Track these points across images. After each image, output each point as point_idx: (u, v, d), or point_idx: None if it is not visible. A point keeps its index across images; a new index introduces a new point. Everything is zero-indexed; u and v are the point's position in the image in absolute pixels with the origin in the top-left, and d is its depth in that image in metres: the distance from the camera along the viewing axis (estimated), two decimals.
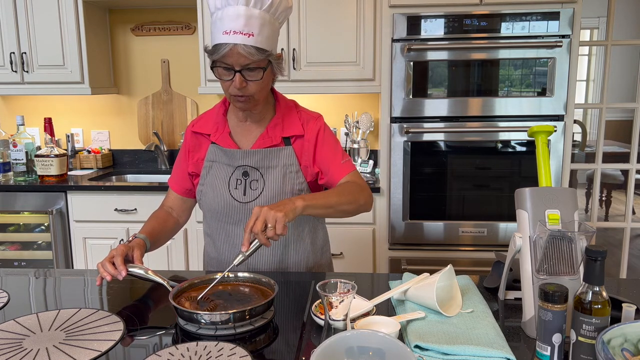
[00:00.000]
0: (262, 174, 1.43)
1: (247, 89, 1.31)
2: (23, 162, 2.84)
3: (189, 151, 1.52)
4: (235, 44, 1.24)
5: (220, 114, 1.49)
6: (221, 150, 1.45)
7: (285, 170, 1.43)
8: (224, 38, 1.25)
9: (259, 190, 1.43)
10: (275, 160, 1.43)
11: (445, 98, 2.46)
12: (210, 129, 1.48)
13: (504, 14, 2.39)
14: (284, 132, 1.44)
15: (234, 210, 1.44)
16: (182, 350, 1.00)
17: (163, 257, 2.72)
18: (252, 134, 1.46)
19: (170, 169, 3.17)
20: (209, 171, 1.47)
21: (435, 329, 1.05)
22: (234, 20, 1.24)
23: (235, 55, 1.26)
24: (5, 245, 2.83)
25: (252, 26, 1.25)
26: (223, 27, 1.25)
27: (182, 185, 1.55)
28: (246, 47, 1.25)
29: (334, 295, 0.90)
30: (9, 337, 1.07)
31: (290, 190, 1.44)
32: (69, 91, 2.91)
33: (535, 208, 1.08)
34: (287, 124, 1.45)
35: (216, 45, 1.27)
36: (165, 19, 3.16)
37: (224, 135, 1.46)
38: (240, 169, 1.44)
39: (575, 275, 1.05)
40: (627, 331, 0.90)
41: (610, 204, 5.42)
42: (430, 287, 1.12)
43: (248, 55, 1.25)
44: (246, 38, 1.25)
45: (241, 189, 1.44)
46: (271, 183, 1.43)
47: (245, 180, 1.44)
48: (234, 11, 1.24)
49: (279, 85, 2.79)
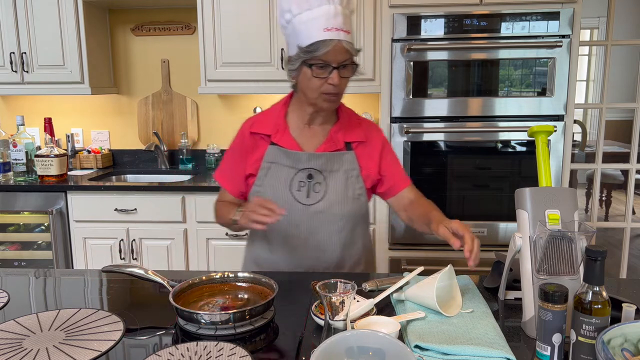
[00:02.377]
0: (325, 177, 1.43)
1: (339, 87, 1.34)
2: (23, 162, 2.84)
3: (247, 152, 1.48)
4: (339, 40, 1.26)
5: (281, 115, 1.47)
6: (282, 152, 1.43)
7: (347, 174, 1.45)
8: (326, 35, 1.26)
9: (322, 193, 1.43)
10: (338, 164, 1.44)
11: (445, 98, 2.46)
12: (270, 130, 1.46)
13: (504, 14, 2.39)
14: (346, 137, 1.46)
15: (296, 212, 1.42)
16: (182, 350, 1.00)
17: (163, 257, 2.72)
18: (316, 138, 1.46)
19: (170, 169, 3.17)
20: (267, 172, 1.45)
21: (435, 329, 1.05)
22: (332, 18, 1.26)
23: (337, 51, 1.27)
24: (5, 245, 2.83)
25: (347, 24, 1.29)
26: (322, 24, 1.26)
27: (238, 188, 1.52)
28: (348, 43, 1.28)
29: (334, 295, 0.90)
30: (9, 337, 1.07)
31: (352, 194, 1.45)
32: (69, 91, 2.91)
33: (535, 208, 1.08)
34: (349, 130, 1.47)
35: (317, 42, 1.27)
36: (165, 19, 3.16)
37: (286, 137, 1.44)
38: (305, 171, 1.43)
39: (575, 275, 1.05)
40: (627, 331, 0.90)
41: (610, 204, 5.42)
42: (430, 287, 1.12)
43: (351, 50, 1.29)
44: (346, 35, 1.28)
45: (304, 191, 1.43)
46: (334, 186, 1.44)
47: (309, 183, 1.43)
48: (332, 9, 1.27)
49: (277, 84, 2.79)
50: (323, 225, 1.44)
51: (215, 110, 3.23)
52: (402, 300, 1.21)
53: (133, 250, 2.71)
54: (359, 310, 1.11)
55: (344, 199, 1.44)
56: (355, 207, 1.47)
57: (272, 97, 3.15)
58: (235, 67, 2.79)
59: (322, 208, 1.43)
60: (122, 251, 2.71)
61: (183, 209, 2.67)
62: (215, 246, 2.70)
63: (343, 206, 1.44)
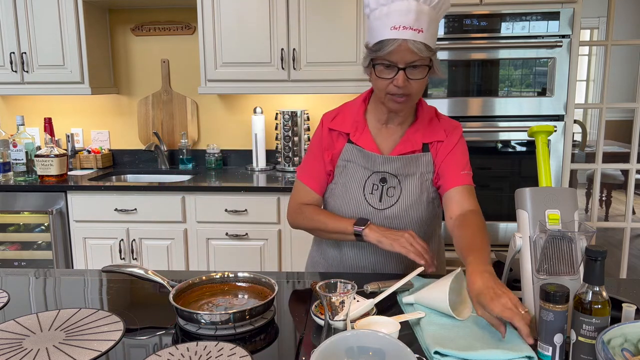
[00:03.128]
0: (399, 181, 1.39)
1: (407, 88, 1.27)
2: (23, 162, 2.84)
3: (326, 149, 1.45)
4: (404, 39, 1.20)
5: (360, 112, 1.43)
6: (359, 152, 1.40)
7: (423, 178, 1.40)
8: (391, 34, 1.21)
9: (396, 198, 1.39)
10: (414, 168, 1.39)
11: (445, 98, 2.46)
12: (350, 127, 1.42)
13: (504, 14, 2.39)
14: (424, 138, 1.39)
15: (367, 215, 1.40)
16: (182, 350, 1.00)
17: (163, 257, 2.72)
18: (392, 138, 1.41)
19: (170, 169, 3.17)
20: (342, 171, 1.43)
21: (451, 334, 1.03)
22: (404, 15, 1.20)
23: (402, 51, 1.22)
24: (5, 245, 2.83)
25: (422, 22, 1.21)
26: (391, 22, 1.21)
27: (321, 184, 1.47)
28: (416, 43, 1.21)
29: (334, 295, 0.89)
30: (9, 337, 1.07)
31: (427, 199, 1.40)
32: (69, 91, 2.91)
33: (535, 208, 1.08)
34: (428, 130, 1.40)
35: (382, 41, 1.22)
36: (165, 19, 3.16)
37: (365, 136, 1.40)
38: (379, 174, 1.39)
39: (575, 275, 1.05)
40: (627, 331, 0.90)
41: (610, 204, 5.42)
42: (442, 290, 1.10)
43: (418, 51, 1.21)
44: (416, 34, 1.21)
45: (377, 195, 1.39)
46: (408, 191, 1.39)
47: (383, 187, 1.39)
48: (405, 6, 1.21)
49: (277, 84, 2.79)
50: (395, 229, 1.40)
51: (215, 110, 3.23)
52: (411, 303, 1.19)
53: (133, 250, 2.71)
54: (359, 310, 1.11)
55: (418, 204, 1.39)
56: (429, 211, 1.42)
57: (272, 97, 3.15)
58: (235, 67, 2.79)
59: (395, 213, 1.39)
60: (122, 251, 2.71)
61: (183, 209, 2.67)
62: (215, 246, 2.70)
63: (417, 211, 1.40)
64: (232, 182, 2.75)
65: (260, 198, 2.62)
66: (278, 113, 3.01)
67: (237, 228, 2.67)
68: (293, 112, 2.96)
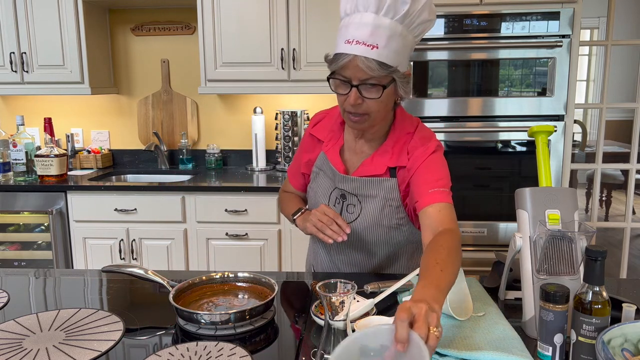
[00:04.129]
0: (360, 201, 1.35)
1: (362, 107, 1.19)
2: (23, 162, 2.84)
3: (305, 151, 1.48)
4: (355, 55, 1.12)
5: (338, 122, 1.39)
6: (325, 161, 1.40)
7: (385, 202, 1.33)
8: (344, 47, 1.14)
9: (355, 215, 1.36)
10: (375, 190, 1.33)
11: (445, 98, 2.46)
12: (325, 136, 1.41)
13: (504, 14, 2.39)
14: (391, 162, 1.31)
15: None
16: (182, 350, 1.00)
17: (163, 257, 2.72)
18: (359, 156, 1.37)
19: (170, 169, 3.18)
20: (315, 177, 1.44)
21: (450, 334, 1.04)
22: (358, 29, 1.12)
23: (353, 68, 1.14)
24: (5, 245, 2.83)
25: (378, 37, 1.11)
26: (346, 35, 1.14)
27: (300, 182, 1.55)
28: (367, 61, 1.11)
29: (334, 295, 0.89)
30: (9, 337, 1.07)
31: (387, 223, 1.34)
32: (69, 91, 2.91)
33: (535, 208, 1.08)
34: (396, 153, 1.31)
35: (336, 54, 1.17)
36: (165, 19, 3.16)
37: (334, 150, 1.38)
38: (339, 190, 1.38)
39: (575, 275, 1.05)
40: (627, 331, 0.90)
41: (610, 204, 5.42)
42: None
43: (367, 69, 1.12)
44: (369, 50, 1.11)
45: (338, 209, 1.39)
46: (369, 212, 1.35)
47: (343, 202, 1.38)
48: (360, 19, 1.12)
49: (277, 84, 2.79)
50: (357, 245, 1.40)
51: (215, 110, 3.23)
52: None
53: (133, 250, 2.71)
54: (359, 310, 1.11)
55: (378, 226, 1.34)
56: (391, 235, 1.37)
57: (272, 97, 3.15)
58: (235, 67, 2.79)
59: (354, 230, 1.36)
60: (122, 251, 2.71)
61: (183, 209, 2.67)
62: (215, 246, 2.70)
63: (377, 233, 1.36)
64: (232, 182, 2.75)
65: (260, 198, 2.62)
66: (278, 113, 3.01)
67: (237, 228, 2.67)
68: (293, 112, 2.96)
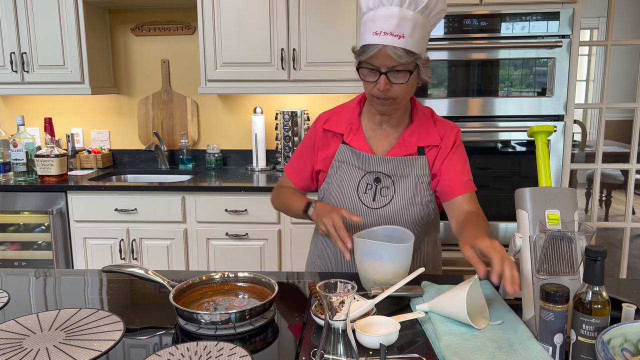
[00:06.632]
0: (394, 182, 1.41)
1: (390, 92, 1.29)
2: (23, 162, 2.84)
3: (319, 149, 1.48)
4: (384, 45, 1.22)
5: (355, 114, 1.45)
6: (353, 152, 1.42)
7: (417, 180, 1.41)
8: (373, 39, 1.23)
9: (389, 198, 1.41)
10: (408, 170, 1.41)
11: (446, 98, 2.46)
12: (344, 129, 1.44)
13: (504, 14, 2.39)
14: (419, 141, 1.41)
15: (360, 214, 1.41)
16: (182, 350, 1.00)
17: (163, 257, 2.72)
18: (387, 140, 1.43)
19: (170, 169, 3.17)
20: (336, 171, 1.45)
21: (471, 345, 1.00)
22: (385, 21, 1.22)
23: (382, 57, 1.24)
24: (5, 245, 2.83)
25: (404, 28, 1.22)
26: (374, 27, 1.23)
27: (305, 182, 1.53)
28: (395, 49, 1.22)
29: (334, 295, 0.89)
30: (9, 337, 1.07)
31: (420, 201, 1.42)
32: (69, 91, 2.91)
33: (535, 208, 1.08)
34: (423, 133, 1.42)
35: (365, 46, 1.25)
36: (165, 19, 3.16)
37: (358, 137, 1.42)
38: (373, 174, 1.41)
39: (575, 275, 1.05)
40: (627, 331, 0.90)
41: (610, 204, 5.42)
42: (459, 299, 1.07)
43: (396, 57, 1.23)
44: (396, 40, 1.22)
45: (370, 194, 1.42)
46: (402, 192, 1.41)
47: (376, 186, 1.41)
48: (386, 12, 1.22)
49: (277, 84, 2.79)
50: None
51: (215, 110, 3.23)
52: (425, 311, 1.16)
53: (133, 250, 2.71)
54: (359, 310, 1.11)
55: (412, 205, 1.41)
56: (422, 213, 1.44)
57: (272, 97, 3.15)
58: (235, 67, 2.79)
59: (388, 212, 1.41)
60: (122, 251, 2.71)
61: (183, 209, 2.67)
62: (215, 246, 2.70)
63: (410, 212, 1.42)
64: (232, 182, 2.75)
65: (260, 198, 2.62)
66: (278, 113, 3.01)
67: (237, 228, 2.67)
68: (293, 112, 2.96)
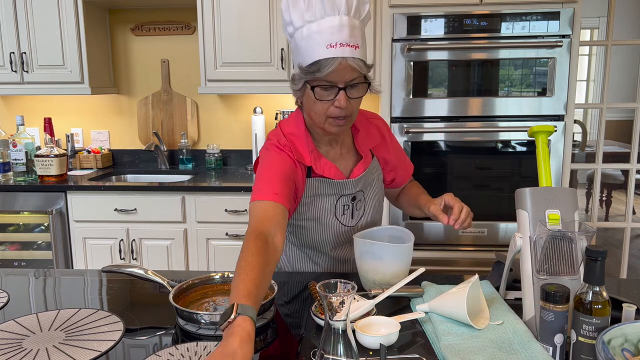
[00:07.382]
0: (364, 194, 1.42)
1: (348, 109, 1.19)
2: (23, 162, 2.84)
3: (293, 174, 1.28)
4: (344, 57, 1.12)
5: (310, 142, 1.33)
6: (326, 183, 1.33)
7: (378, 181, 1.45)
8: (329, 52, 1.12)
9: (363, 209, 1.42)
10: (372, 177, 1.43)
11: (446, 98, 2.46)
12: (310, 160, 1.31)
13: (504, 14, 2.39)
14: (369, 145, 1.42)
15: (341, 235, 1.40)
16: (182, 350, 1.00)
17: (163, 257, 2.72)
18: (348, 157, 1.39)
19: (170, 169, 3.17)
20: (309, 207, 1.36)
21: (471, 345, 1.00)
22: (338, 32, 1.12)
23: (342, 70, 1.13)
24: (5, 245, 2.83)
25: (356, 37, 1.14)
26: (325, 40, 1.12)
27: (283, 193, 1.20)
28: (355, 60, 1.13)
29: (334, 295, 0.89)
30: (9, 337, 1.07)
31: (382, 197, 1.49)
32: (68, 91, 2.91)
33: (535, 208, 1.08)
34: (368, 136, 1.41)
35: (318, 61, 1.13)
36: (165, 19, 3.16)
37: (325, 165, 1.33)
38: (349, 196, 1.38)
39: (575, 275, 1.05)
40: (627, 331, 0.90)
41: (610, 204, 5.41)
42: (459, 299, 1.07)
43: (359, 68, 1.14)
44: (353, 50, 1.13)
45: (349, 214, 1.40)
46: (371, 199, 1.44)
47: (353, 204, 1.40)
48: (337, 22, 1.12)
49: (277, 84, 2.79)
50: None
51: (215, 110, 3.23)
52: (425, 312, 1.16)
53: (133, 250, 2.71)
54: (359, 310, 1.10)
55: (379, 207, 1.48)
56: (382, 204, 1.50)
57: (272, 97, 3.15)
58: (235, 67, 2.79)
59: (365, 222, 1.43)
60: (122, 251, 2.71)
61: (183, 209, 2.67)
62: (215, 246, 2.70)
63: (379, 211, 1.48)
64: (232, 182, 2.75)
65: None
66: (278, 113, 3.01)
67: (237, 228, 2.67)
68: (293, 112, 2.96)
